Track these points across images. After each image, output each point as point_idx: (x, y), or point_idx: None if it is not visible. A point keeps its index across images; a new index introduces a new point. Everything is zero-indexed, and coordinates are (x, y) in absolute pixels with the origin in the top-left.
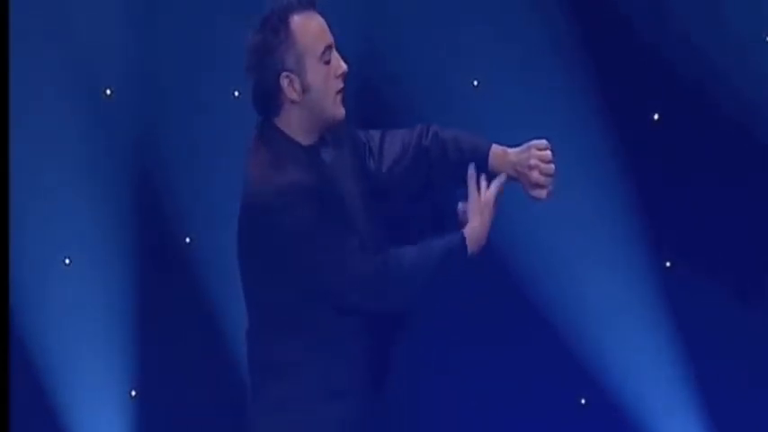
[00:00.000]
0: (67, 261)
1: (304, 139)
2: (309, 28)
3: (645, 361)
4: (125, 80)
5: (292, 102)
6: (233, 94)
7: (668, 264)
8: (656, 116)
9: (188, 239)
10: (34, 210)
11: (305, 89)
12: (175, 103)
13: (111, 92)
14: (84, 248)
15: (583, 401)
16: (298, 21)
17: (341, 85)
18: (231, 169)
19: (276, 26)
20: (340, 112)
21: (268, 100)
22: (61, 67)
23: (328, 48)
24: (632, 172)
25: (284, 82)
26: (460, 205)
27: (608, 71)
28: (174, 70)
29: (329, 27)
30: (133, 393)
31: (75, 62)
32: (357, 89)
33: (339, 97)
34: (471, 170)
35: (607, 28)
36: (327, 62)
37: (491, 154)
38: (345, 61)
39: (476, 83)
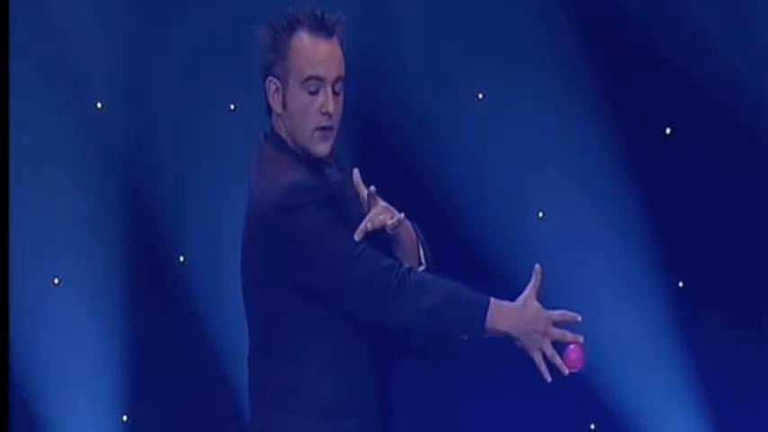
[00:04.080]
0: (57, 281)
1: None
2: (306, 51)
3: (656, 384)
4: (116, 93)
5: (277, 114)
6: (229, 107)
7: (681, 284)
8: (668, 130)
9: (182, 258)
10: (22, 227)
11: (285, 104)
12: (169, 117)
13: (103, 105)
14: (74, 268)
15: (592, 426)
16: (303, 38)
17: (324, 123)
18: (226, 186)
19: (279, 31)
20: (320, 148)
21: (265, 96)
22: (51, 79)
23: (316, 78)
24: (644, 188)
25: (270, 87)
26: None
27: (618, 84)
28: (168, 83)
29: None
30: (125, 418)
31: (65, 75)
32: (364, 106)
33: (320, 134)
34: None
35: (617, 41)
36: (312, 93)
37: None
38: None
39: (480, 96)
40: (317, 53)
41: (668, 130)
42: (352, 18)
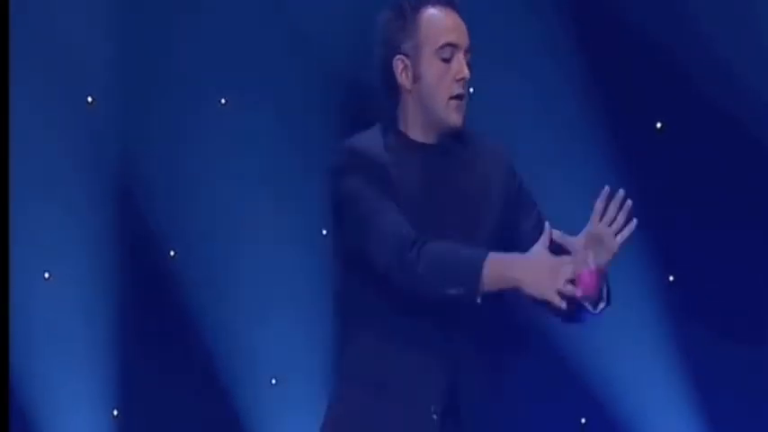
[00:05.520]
0: (47, 275)
1: (422, 136)
2: (437, 21)
3: (646, 378)
4: (107, 88)
5: (407, 90)
6: (219, 101)
7: (671, 278)
8: (658, 125)
9: (172, 253)
10: (12, 223)
11: (416, 78)
12: (160, 112)
13: (93, 100)
14: (64, 262)
15: (583, 420)
16: (429, 12)
17: (459, 91)
18: (217, 180)
19: (405, 10)
20: (454, 117)
21: (386, 84)
22: (42, 75)
23: (450, 46)
24: (634, 182)
25: (398, 65)
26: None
27: (609, 78)
28: (159, 77)
29: (331, 33)
30: (115, 413)
31: (56, 70)
32: (355, 97)
33: (455, 103)
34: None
35: (608, 34)
36: (446, 60)
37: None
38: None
39: (471, 90)
40: (448, 21)
41: (659, 125)
42: (348, 14)
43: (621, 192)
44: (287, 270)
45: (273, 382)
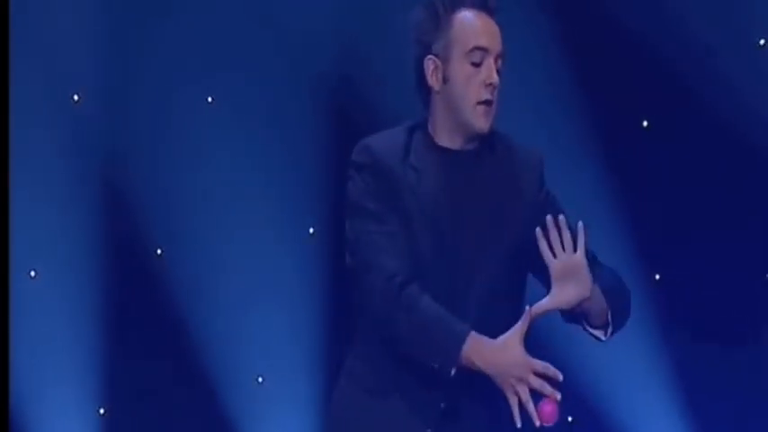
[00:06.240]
0: (33, 274)
1: (449, 141)
2: (469, 23)
3: (633, 376)
4: (94, 86)
5: (436, 92)
6: (206, 99)
7: (657, 276)
8: (645, 123)
9: (159, 251)
10: None
11: (445, 80)
12: (146, 110)
13: (79, 98)
14: (50, 261)
15: (570, 419)
16: (462, 14)
17: (487, 97)
18: (204, 178)
19: (439, 10)
20: (480, 123)
21: (419, 84)
22: (26, 71)
23: (481, 50)
24: (620, 181)
25: (428, 65)
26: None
27: (596, 77)
28: (146, 75)
29: (319, 31)
30: (102, 411)
31: (41, 66)
32: (344, 95)
33: (482, 108)
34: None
35: (594, 34)
36: (476, 64)
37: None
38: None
39: None
40: (480, 25)
41: (645, 123)
42: (336, 12)
43: (549, 218)
44: (274, 268)
45: (260, 380)
